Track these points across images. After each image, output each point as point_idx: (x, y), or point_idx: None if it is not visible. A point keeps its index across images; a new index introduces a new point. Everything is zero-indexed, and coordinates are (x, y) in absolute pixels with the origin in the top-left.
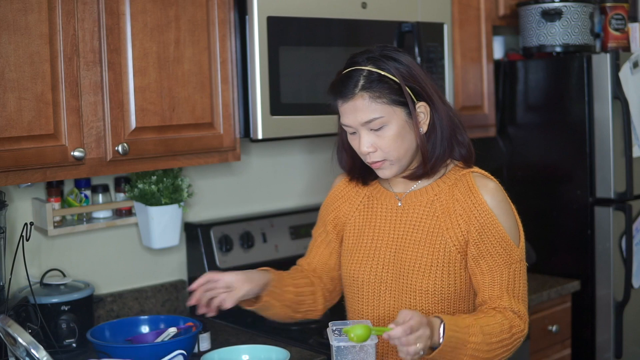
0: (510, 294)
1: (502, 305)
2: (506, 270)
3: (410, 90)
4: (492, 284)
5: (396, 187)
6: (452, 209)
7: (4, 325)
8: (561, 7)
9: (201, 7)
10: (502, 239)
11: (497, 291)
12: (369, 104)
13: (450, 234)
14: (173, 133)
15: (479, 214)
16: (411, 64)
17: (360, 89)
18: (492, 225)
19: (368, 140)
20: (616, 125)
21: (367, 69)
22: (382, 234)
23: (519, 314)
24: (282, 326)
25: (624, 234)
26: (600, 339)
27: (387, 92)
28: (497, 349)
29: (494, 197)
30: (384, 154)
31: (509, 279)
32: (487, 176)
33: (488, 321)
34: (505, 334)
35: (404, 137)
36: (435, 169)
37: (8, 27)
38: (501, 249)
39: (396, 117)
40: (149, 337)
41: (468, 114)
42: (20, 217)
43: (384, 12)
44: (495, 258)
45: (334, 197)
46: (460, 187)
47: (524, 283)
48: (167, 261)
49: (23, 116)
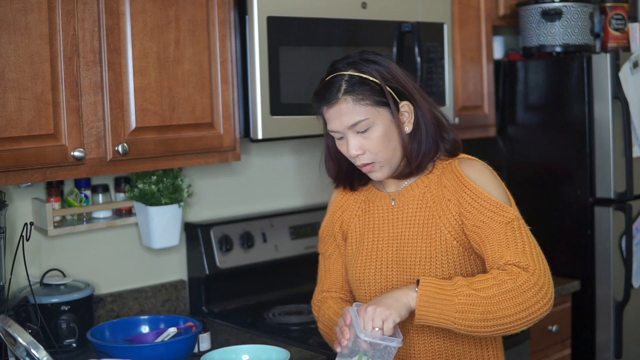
0: (512, 250)
1: (504, 262)
2: (502, 229)
3: (393, 91)
4: (492, 246)
5: (389, 187)
6: (441, 196)
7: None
8: (561, 7)
9: (201, 7)
10: (490, 204)
11: (498, 251)
12: (352, 107)
13: (444, 221)
14: (173, 133)
15: (464, 189)
16: (390, 65)
17: (343, 93)
18: (479, 195)
19: (355, 143)
20: (616, 125)
21: (348, 74)
22: (381, 234)
23: (523, 266)
24: (282, 326)
25: (624, 234)
26: (600, 339)
27: (370, 94)
28: (502, 301)
29: (476, 171)
30: (372, 155)
31: (508, 237)
32: (472, 159)
33: (482, 276)
34: (508, 285)
35: (390, 137)
36: (422, 167)
37: (8, 27)
38: (492, 212)
39: (381, 117)
40: (149, 337)
41: (468, 114)
42: (20, 217)
43: (384, 12)
44: (489, 223)
45: (334, 210)
46: (446, 174)
47: (528, 239)
48: (167, 261)
49: (23, 116)
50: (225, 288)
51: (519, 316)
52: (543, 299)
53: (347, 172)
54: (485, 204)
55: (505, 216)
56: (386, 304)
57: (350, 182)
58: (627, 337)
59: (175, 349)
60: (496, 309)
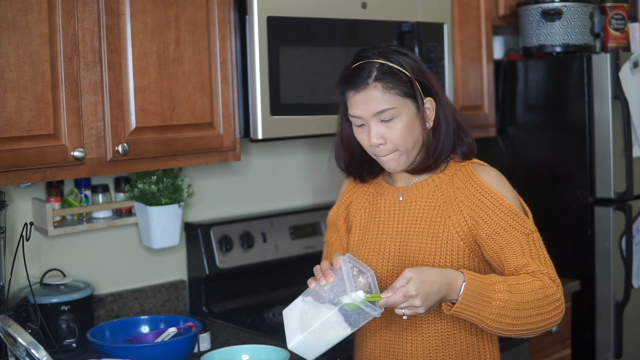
0: (536, 261)
1: (532, 269)
2: (524, 239)
3: (419, 85)
4: (514, 255)
5: (398, 182)
6: (453, 197)
7: (4, 325)
8: (561, 7)
9: (201, 7)
10: (511, 212)
11: (522, 260)
12: (382, 94)
13: (453, 221)
14: (173, 133)
15: (482, 195)
16: (418, 60)
17: (374, 80)
18: (499, 201)
19: (377, 131)
20: (616, 125)
21: (379, 62)
22: (386, 228)
23: (550, 276)
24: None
25: (624, 234)
26: (600, 339)
27: (399, 84)
28: (531, 309)
29: (493, 177)
30: (393, 145)
31: (531, 248)
32: (486, 165)
33: (518, 280)
34: (539, 294)
35: (412, 129)
36: (438, 164)
37: (8, 27)
38: (513, 221)
39: (407, 109)
40: (149, 337)
41: (468, 114)
42: (20, 217)
43: (384, 12)
44: (509, 231)
45: (342, 201)
46: (460, 176)
47: (545, 252)
48: (167, 261)
49: (23, 116)
50: (225, 288)
51: (540, 324)
52: (561, 312)
53: (359, 163)
54: (506, 211)
55: (526, 227)
56: (428, 292)
57: (360, 174)
58: (627, 337)
59: (175, 349)
60: (525, 315)
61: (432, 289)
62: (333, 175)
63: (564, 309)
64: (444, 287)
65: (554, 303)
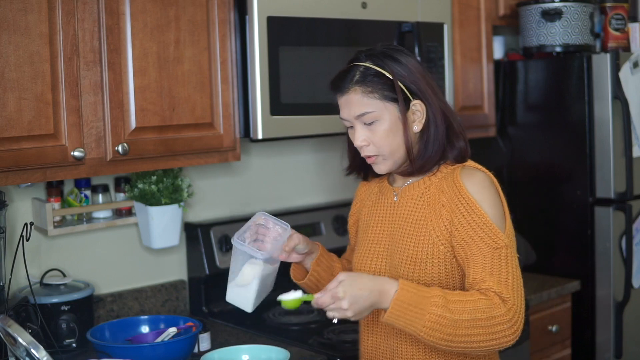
0: (495, 277)
1: (486, 287)
2: (490, 253)
3: (407, 88)
4: (475, 267)
5: (396, 183)
6: (437, 200)
7: (4, 325)
8: (561, 7)
9: (201, 7)
10: (484, 224)
11: (480, 274)
12: (361, 98)
13: (434, 224)
14: (173, 133)
15: (460, 201)
16: (410, 63)
17: (354, 83)
18: (474, 210)
19: (362, 134)
20: (616, 125)
21: (364, 65)
22: (382, 228)
23: (504, 298)
24: (282, 326)
25: (624, 234)
26: (600, 339)
27: (380, 88)
28: (470, 328)
29: (475, 184)
30: (376, 148)
31: (494, 263)
32: (477, 168)
33: (463, 296)
34: (482, 314)
35: (395, 133)
36: (425, 169)
37: (8, 27)
38: (483, 233)
39: (388, 113)
40: (149, 337)
41: (468, 114)
42: (20, 217)
43: (384, 12)
44: (477, 243)
45: (355, 203)
46: (447, 180)
47: (512, 270)
48: (167, 261)
49: (23, 116)
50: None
51: (482, 344)
52: (512, 335)
53: (362, 161)
54: (479, 222)
55: (496, 241)
56: (356, 296)
57: (365, 172)
58: (627, 337)
59: (175, 349)
60: (463, 333)
61: (361, 293)
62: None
63: (517, 330)
64: (375, 293)
65: (501, 325)
